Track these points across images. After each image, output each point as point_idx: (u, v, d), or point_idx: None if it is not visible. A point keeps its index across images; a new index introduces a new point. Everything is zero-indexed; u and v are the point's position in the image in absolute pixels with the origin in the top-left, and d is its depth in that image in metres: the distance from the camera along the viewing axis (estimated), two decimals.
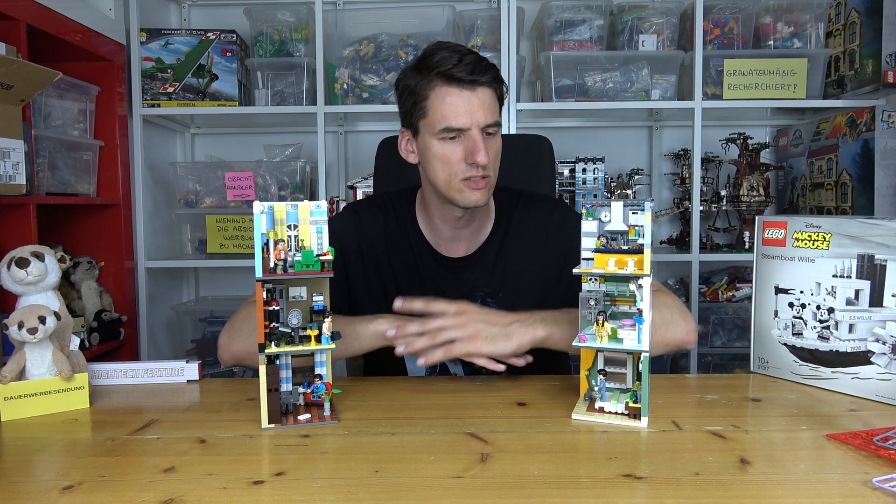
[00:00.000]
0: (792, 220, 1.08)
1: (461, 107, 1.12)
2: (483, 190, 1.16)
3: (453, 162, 1.15)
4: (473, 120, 1.12)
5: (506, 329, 1.03)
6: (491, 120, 1.14)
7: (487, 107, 1.14)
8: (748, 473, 0.73)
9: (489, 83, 1.14)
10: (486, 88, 1.14)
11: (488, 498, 0.67)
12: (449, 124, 1.12)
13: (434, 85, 1.13)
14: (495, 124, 1.15)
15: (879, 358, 0.97)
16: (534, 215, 1.29)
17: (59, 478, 0.73)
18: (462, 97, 1.12)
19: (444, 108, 1.12)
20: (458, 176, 1.15)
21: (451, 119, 1.12)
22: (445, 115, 1.12)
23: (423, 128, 1.16)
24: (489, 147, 1.14)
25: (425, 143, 1.17)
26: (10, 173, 1.41)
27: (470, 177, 1.14)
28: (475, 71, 1.11)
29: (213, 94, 2.22)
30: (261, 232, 0.85)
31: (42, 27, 1.65)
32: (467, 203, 1.17)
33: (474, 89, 1.12)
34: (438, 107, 1.13)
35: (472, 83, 1.12)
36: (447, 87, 1.12)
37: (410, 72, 1.17)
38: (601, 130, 2.62)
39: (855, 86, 2.15)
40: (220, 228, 2.26)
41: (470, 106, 1.12)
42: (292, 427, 0.88)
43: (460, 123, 1.12)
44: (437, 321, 1.04)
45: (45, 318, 0.94)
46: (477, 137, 1.13)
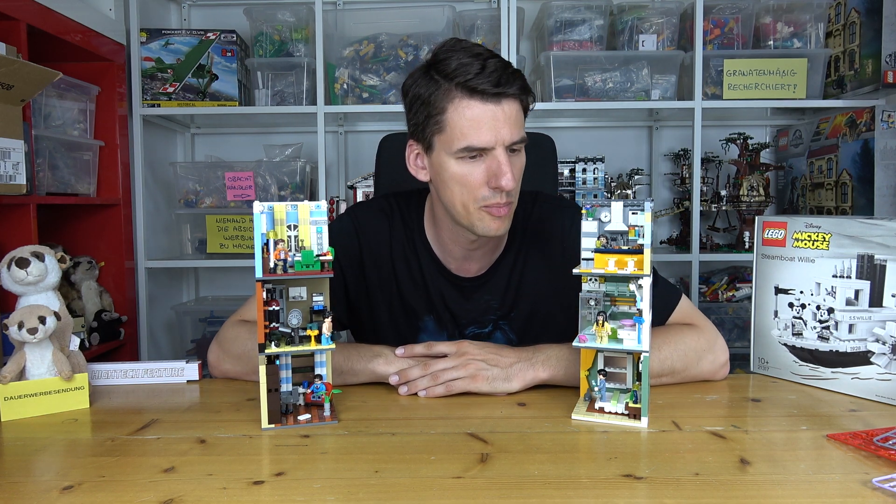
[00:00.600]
0: (792, 220, 1.08)
1: (485, 123, 0.99)
2: (504, 218, 1.05)
3: (473, 186, 1.02)
4: (499, 138, 0.99)
5: (506, 371, 1.00)
6: (517, 137, 1.02)
7: (514, 122, 1.01)
8: (748, 473, 0.73)
9: (516, 94, 1.01)
10: (513, 101, 1.01)
11: (488, 498, 0.67)
12: (470, 143, 1.00)
13: (453, 97, 1.00)
14: (521, 141, 1.03)
15: (879, 358, 0.97)
16: (550, 223, 1.19)
17: (59, 478, 0.73)
18: (486, 112, 0.99)
19: (465, 124, 1.00)
20: (479, 202, 1.03)
21: (473, 137, 0.99)
22: (466, 132, 1.00)
23: (439, 144, 1.04)
24: (514, 167, 1.02)
25: (440, 161, 1.05)
26: (10, 173, 1.41)
27: (491, 203, 1.03)
28: (501, 81, 0.98)
29: (213, 94, 2.22)
30: (261, 232, 0.85)
31: (42, 27, 1.65)
32: (486, 232, 1.06)
33: (500, 102, 0.99)
34: (458, 122, 1.00)
35: (497, 96, 0.99)
36: (468, 101, 0.99)
37: (422, 78, 1.04)
38: (601, 130, 2.62)
39: (855, 86, 2.15)
40: (220, 228, 2.26)
41: (495, 122, 0.99)
42: (292, 427, 0.88)
43: (483, 142, 0.99)
44: (438, 364, 1.01)
45: (45, 318, 0.94)
46: (502, 158, 1.00)
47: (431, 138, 1.05)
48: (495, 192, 1.02)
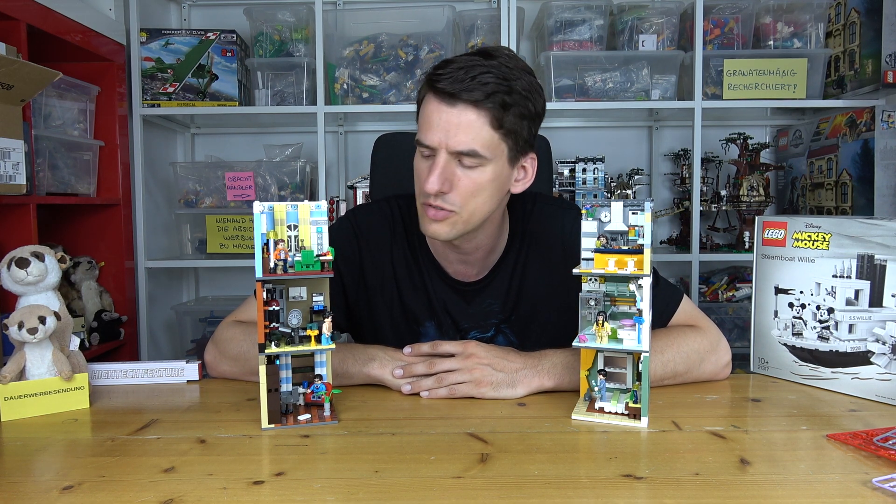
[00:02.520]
0: (792, 220, 1.08)
1: (434, 122, 0.98)
2: (440, 223, 1.03)
3: (420, 180, 1.03)
4: (442, 141, 0.98)
5: (512, 376, 0.99)
6: (463, 147, 0.97)
7: (465, 129, 0.97)
8: (748, 473, 0.73)
9: (476, 102, 0.96)
10: (470, 108, 0.96)
11: (488, 498, 0.67)
12: (420, 138, 1.01)
13: (425, 90, 1.02)
14: (471, 153, 0.98)
15: (879, 358, 0.97)
16: (550, 224, 1.18)
17: (59, 478, 0.73)
18: (437, 112, 0.98)
19: (423, 118, 1.01)
20: (421, 197, 1.04)
21: (424, 133, 1.00)
22: (422, 126, 1.01)
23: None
24: (455, 175, 0.99)
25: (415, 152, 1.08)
26: (10, 173, 1.41)
27: (426, 202, 1.02)
28: (458, 84, 0.95)
29: (213, 94, 2.22)
30: (261, 232, 0.85)
31: (42, 27, 1.65)
32: (424, 231, 1.06)
33: (454, 105, 0.97)
34: (421, 116, 1.02)
35: (451, 97, 0.96)
36: (430, 96, 1.00)
37: None
38: (601, 130, 2.62)
39: (855, 86, 2.15)
40: (220, 228, 2.26)
41: (444, 124, 0.97)
42: (292, 427, 0.88)
43: (428, 140, 0.99)
44: (444, 363, 1.00)
45: (45, 318, 0.94)
46: (439, 161, 0.98)
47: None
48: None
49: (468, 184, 1.01)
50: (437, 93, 0.98)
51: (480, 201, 1.03)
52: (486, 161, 1.00)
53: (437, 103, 0.98)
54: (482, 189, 1.02)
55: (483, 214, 1.06)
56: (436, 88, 0.98)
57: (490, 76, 0.97)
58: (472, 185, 1.01)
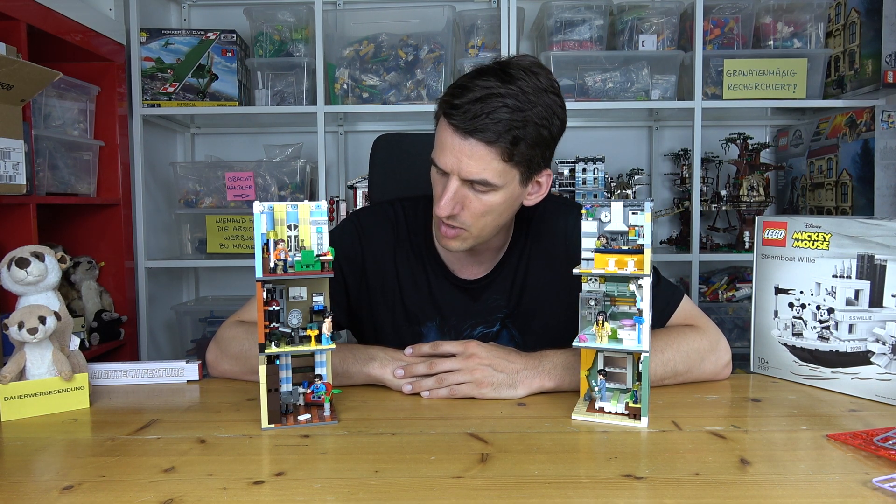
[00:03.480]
0: (792, 220, 1.08)
1: (448, 149, 1.02)
2: (453, 239, 1.08)
3: (436, 196, 1.07)
4: (454, 168, 1.01)
5: (513, 377, 0.99)
6: (475, 176, 1.00)
7: (476, 161, 1.00)
8: (748, 473, 0.73)
9: (488, 142, 0.99)
10: (482, 144, 0.99)
11: (488, 498, 0.67)
12: (435, 159, 1.05)
13: (441, 111, 1.04)
14: (482, 183, 1.01)
15: (879, 358, 0.97)
16: (553, 221, 1.20)
17: (59, 478, 0.73)
18: (453, 139, 1.01)
19: (438, 140, 1.04)
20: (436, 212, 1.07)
21: (438, 156, 1.04)
22: (437, 147, 1.05)
23: None
24: (470, 201, 1.03)
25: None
26: (10, 173, 1.41)
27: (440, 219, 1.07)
28: (471, 120, 0.98)
29: (213, 94, 2.22)
30: (261, 232, 0.85)
31: (42, 27, 1.65)
32: (441, 244, 1.10)
33: (466, 138, 0.99)
34: (437, 135, 1.05)
35: (464, 131, 0.99)
36: (445, 122, 1.02)
37: None
38: (601, 130, 2.62)
39: (855, 86, 2.15)
40: (220, 228, 2.26)
41: (457, 152, 1.00)
42: (292, 427, 0.88)
43: (442, 164, 1.03)
44: (444, 364, 1.01)
45: (45, 318, 0.94)
46: (450, 186, 1.02)
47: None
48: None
49: (479, 206, 1.04)
50: (452, 119, 1.00)
51: (490, 219, 1.07)
52: (497, 188, 1.03)
53: (451, 132, 1.01)
54: (492, 210, 1.05)
55: (494, 229, 1.10)
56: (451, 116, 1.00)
57: (505, 112, 0.97)
58: (483, 208, 1.04)
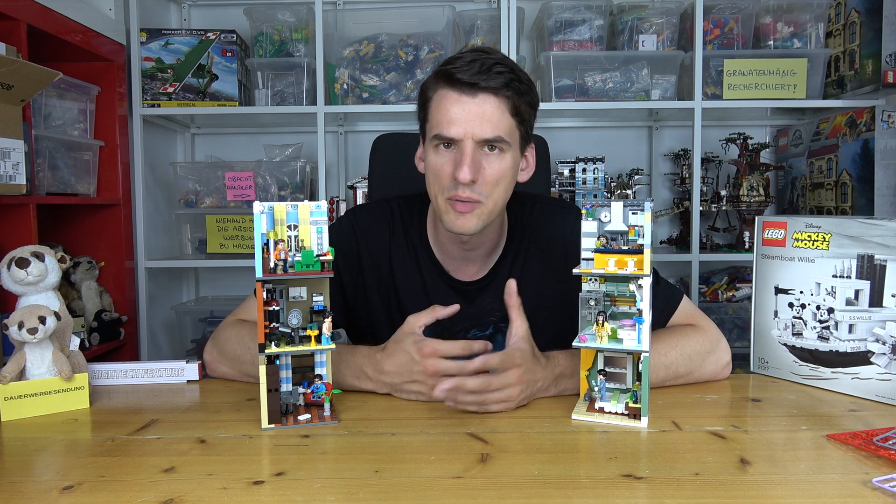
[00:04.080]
0: (792, 220, 1.08)
1: (456, 114, 0.99)
2: (469, 215, 1.03)
3: (441, 175, 1.03)
4: (467, 130, 0.99)
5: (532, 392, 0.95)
6: (490, 134, 1.00)
7: (488, 118, 0.99)
8: (748, 473, 0.73)
9: (496, 90, 0.99)
10: (491, 96, 0.99)
11: (488, 498, 0.67)
12: (440, 131, 1.01)
13: (437, 86, 1.03)
14: (497, 140, 1.01)
15: (879, 358, 0.97)
16: (550, 226, 1.18)
17: (59, 478, 0.73)
18: (459, 103, 0.99)
19: (440, 112, 1.02)
20: (445, 192, 1.04)
21: (444, 126, 1.01)
22: (440, 120, 1.01)
23: (426, 133, 1.07)
24: (486, 168, 1.01)
25: (426, 151, 1.07)
26: (10, 173, 1.41)
27: (453, 196, 1.03)
28: (479, 73, 0.98)
29: (213, 94, 2.22)
30: (261, 232, 0.85)
31: (42, 27, 1.65)
32: (450, 227, 1.05)
33: (475, 95, 0.99)
34: (435, 111, 1.03)
35: (472, 87, 0.98)
36: (446, 90, 1.01)
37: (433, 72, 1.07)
38: (601, 130, 2.62)
39: (855, 86, 2.15)
40: (220, 228, 2.26)
41: (466, 114, 0.99)
42: (292, 427, 0.88)
43: (451, 133, 1.00)
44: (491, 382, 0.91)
45: (45, 318, 0.94)
46: (467, 150, 1.00)
47: (423, 127, 1.08)
48: (456, 183, 1.02)
49: (493, 172, 1.03)
50: (454, 85, 1.00)
51: (502, 189, 1.06)
52: (507, 147, 1.03)
53: (458, 95, 1.00)
54: (504, 177, 1.05)
55: (502, 204, 1.09)
56: (453, 80, 1.00)
57: (501, 66, 1.00)
58: (497, 173, 1.03)
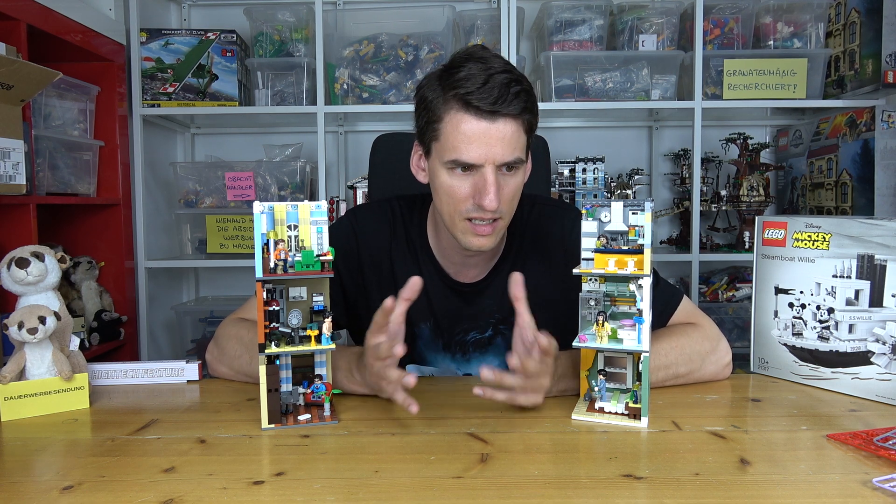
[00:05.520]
0: (792, 220, 1.08)
1: (476, 139, 0.97)
2: (489, 236, 1.04)
3: (459, 199, 1.01)
4: (489, 156, 0.98)
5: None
6: (511, 157, 0.99)
7: (508, 142, 0.98)
8: (748, 473, 0.73)
9: (515, 115, 0.98)
10: (510, 120, 0.98)
11: (488, 498, 0.67)
12: (459, 157, 0.99)
13: (450, 107, 0.99)
14: (517, 162, 1.00)
15: (879, 358, 0.97)
16: (550, 226, 1.18)
17: (59, 478, 0.73)
18: (478, 128, 0.97)
19: (457, 137, 0.98)
20: (463, 214, 1.02)
21: (463, 152, 0.98)
22: (457, 145, 0.98)
23: (434, 151, 1.04)
24: (504, 187, 1.00)
25: (434, 168, 1.04)
26: (10, 173, 1.41)
27: (475, 218, 1.02)
28: (499, 100, 0.96)
29: (213, 94, 2.22)
30: (261, 232, 0.85)
31: (42, 27, 1.65)
32: (469, 246, 1.05)
33: (494, 121, 0.97)
34: (451, 134, 0.99)
35: (492, 114, 0.96)
36: (463, 114, 0.98)
37: (433, 81, 1.03)
38: (601, 130, 2.62)
39: (855, 86, 2.15)
40: (220, 228, 2.26)
41: (487, 139, 0.97)
42: (292, 427, 0.88)
43: (471, 158, 0.98)
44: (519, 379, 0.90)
45: (45, 318, 0.94)
46: (489, 177, 0.98)
47: (430, 144, 1.05)
48: (478, 208, 1.00)
49: (510, 191, 1.03)
50: (472, 111, 0.97)
51: (515, 203, 1.07)
52: (523, 164, 1.04)
53: (476, 121, 0.97)
54: (518, 191, 1.05)
55: (513, 216, 1.09)
56: (472, 106, 0.97)
57: (517, 86, 0.98)
58: (514, 190, 1.04)
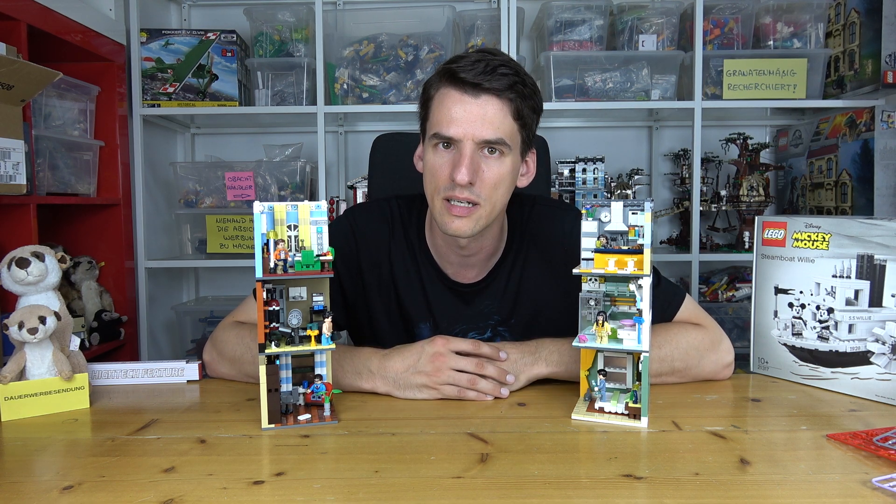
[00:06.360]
0: (792, 220, 1.08)
1: (457, 113, 0.99)
2: (465, 219, 1.02)
3: (438, 175, 1.02)
4: (467, 131, 0.98)
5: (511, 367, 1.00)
6: (490, 135, 0.99)
7: (489, 119, 0.99)
8: (748, 473, 0.73)
9: (499, 92, 0.98)
10: (494, 98, 0.99)
11: (488, 498, 0.67)
12: (439, 130, 1.00)
13: (440, 84, 1.02)
14: (498, 142, 1.00)
15: (879, 358, 0.97)
16: (550, 226, 1.17)
17: (59, 478, 0.73)
18: (461, 103, 0.99)
19: (440, 111, 1.01)
20: (441, 193, 1.02)
21: (444, 125, 1.00)
22: (440, 119, 1.01)
23: (426, 131, 1.06)
24: (484, 171, 1.00)
25: (425, 150, 1.06)
26: (10, 173, 1.41)
27: (451, 197, 1.01)
28: (483, 74, 0.97)
29: (213, 94, 2.22)
30: (261, 232, 0.85)
31: (42, 27, 1.65)
32: (445, 229, 1.04)
33: (478, 96, 0.98)
34: (436, 109, 1.02)
35: (475, 87, 0.98)
36: (448, 89, 1.00)
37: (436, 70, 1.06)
38: (601, 130, 2.62)
39: (855, 86, 2.15)
40: (220, 228, 2.26)
41: (466, 114, 0.98)
42: (292, 427, 0.88)
43: (451, 132, 0.99)
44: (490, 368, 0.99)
45: (45, 318, 0.94)
46: (466, 151, 0.99)
47: (424, 126, 1.07)
48: (454, 185, 1.00)
49: (491, 175, 1.02)
50: (457, 84, 0.99)
51: (500, 193, 1.05)
52: (507, 150, 1.02)
53: (460, 94, 0.99)
54: (503, 180, 1.04)
55: (500, 208, 1.08)
56: (457, 80, 0.99)
57: (506, 68, 0.99)
58: (496, 177, 1.02)
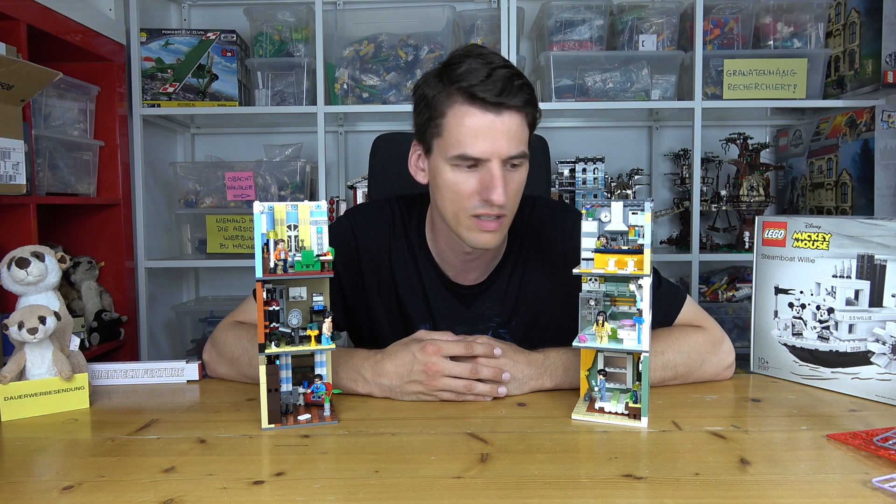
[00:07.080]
0: (792, 220, 1.08)
1: (482, 133, 0.97)
2: (494, 233, 1.03)
3: (464, 195, 1.00)
4: (494, 150, 0.97)
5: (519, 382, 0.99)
6: (516, 151, 0.99)
7: (513, 135, 0.98)
8: (748, 473, 0.73)
9: (519, 107, 0.98)
10: (515, 113, 0.98)
11: (488, 498, 0.67)
12: (465, 152, 0.98)
13: (453, 101, 0.98)
14: (521, 156, 1.00)
15: (879, 358, 0.97)
16: (550, 228, 1.17)
17: (59, 478, 0.73)
18: (484, 121, 0.96)
19: (462, 131, 0.97)
20: (468, 211, 1.01)
21: (468, 146, 0.97)
22: (462, 140, 0.97)
23: (436, 148, 1.02)
24: (509, 183, 1.00)
25: (436, 166, 1.03)
26: (10, 173, 1.41)
27: (481, 214, 1.01)
28: (504, 91, 0.95)
29: (213, 94, 2.22)
30: (261, 232, 0.85)
31: (42, 27, 1.65)
32: (474, 244, 1.04)
33: (500, 113, 0.96)
34: (455, 128, 0.98)
35: (497, 106, 0.96)
36: (468, 107, 0.97)
37: (432, 78, 1.02)
38: (601, 130, 2.62)
39: (855, 86, 2.15)
40: (220, 228, 2.26)
41: (492, 132, 0.96)
42: (292, 427, 0.88)
43: (478, 152, 0.97)
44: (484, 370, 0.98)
45: (45, 318, 0.94)
46: (496, 171, 0.97)
47: (431, 141, 1.03)
48: (485, 203, 1.00)
49: (514, 187, 1.02)
50: (477, 104, 0.97)
51: (518, 199, 1.06)
52: (525, 160, 1.03)
53: (481, 113, 0.97)
54: (521, 187, 1.05)
55: (515, 214, 1.08)
56: (477, 98, 0.96)
57: (518, 79, 0.98)
58: (518, 186, 1.03)
